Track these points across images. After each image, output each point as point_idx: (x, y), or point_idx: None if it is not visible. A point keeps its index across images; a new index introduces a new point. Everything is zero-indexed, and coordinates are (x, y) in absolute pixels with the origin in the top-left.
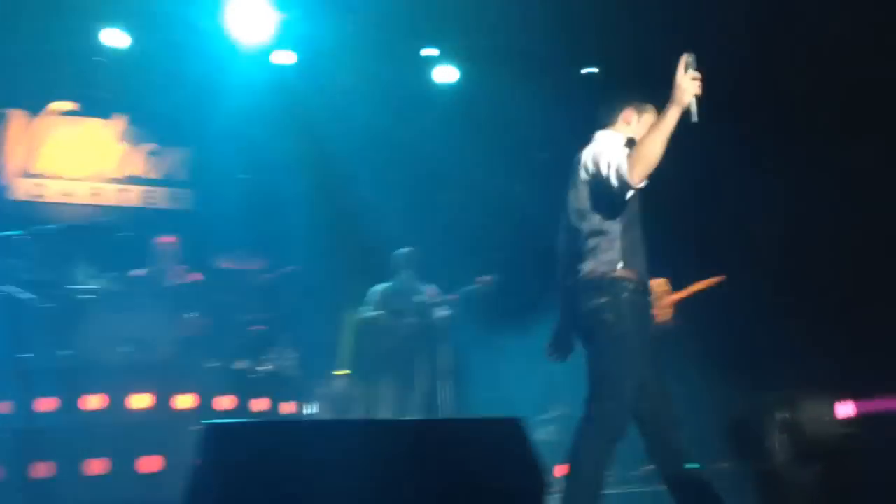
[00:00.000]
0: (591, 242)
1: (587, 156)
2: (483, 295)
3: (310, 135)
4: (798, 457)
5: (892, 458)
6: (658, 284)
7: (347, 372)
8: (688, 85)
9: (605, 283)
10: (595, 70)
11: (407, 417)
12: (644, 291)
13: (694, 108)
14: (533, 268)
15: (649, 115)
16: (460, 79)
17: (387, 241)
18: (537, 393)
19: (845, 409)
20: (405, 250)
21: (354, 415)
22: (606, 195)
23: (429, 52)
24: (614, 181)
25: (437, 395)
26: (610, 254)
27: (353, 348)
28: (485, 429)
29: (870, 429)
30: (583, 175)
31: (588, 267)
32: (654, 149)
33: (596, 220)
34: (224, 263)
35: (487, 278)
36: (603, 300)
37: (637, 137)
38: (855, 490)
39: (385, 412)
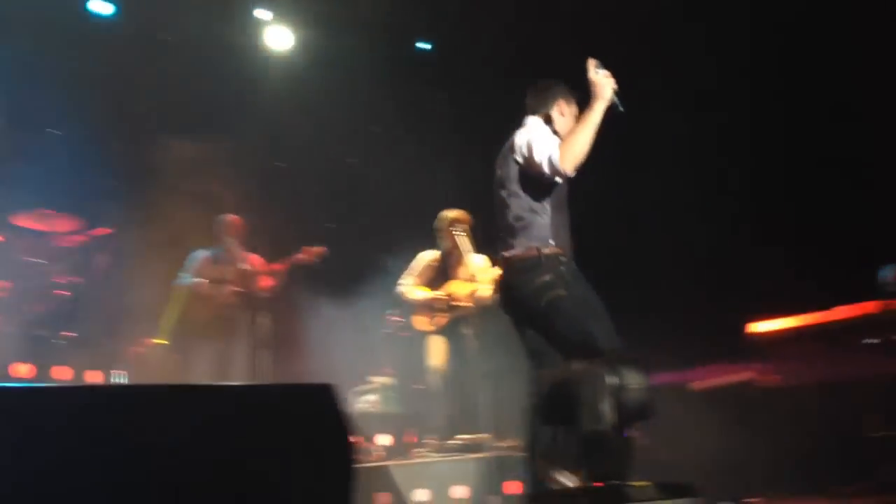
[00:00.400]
0: (526, 219)
1: (521, 140)
2: (310, 265)
3: (129, 93)
4: (623, 421)
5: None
6: (482, 264)
7: (164, 341)
8: (605, 81)
9: (542, 260)
10: (428, 46)
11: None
12: (566, 262)
13: (617, 100)
14: (360, 241)
15: (574, 107)
16: (295, 44)
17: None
18: (360, 364)
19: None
20: (228, 216)
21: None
22: (538, 178)
23: (261, 13)
24: (546, 168)
25: (256, 365)
26: (542, 231)
27: (171, 316)
28: (294, 394)
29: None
30: (518, 157)
31: (522, 243)
32: (584, 141)
33: (527, 199)
34: (27, 223)
35: (316, 249)
36: (547, 277)
37: (564, 126)
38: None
39: (201, 381)
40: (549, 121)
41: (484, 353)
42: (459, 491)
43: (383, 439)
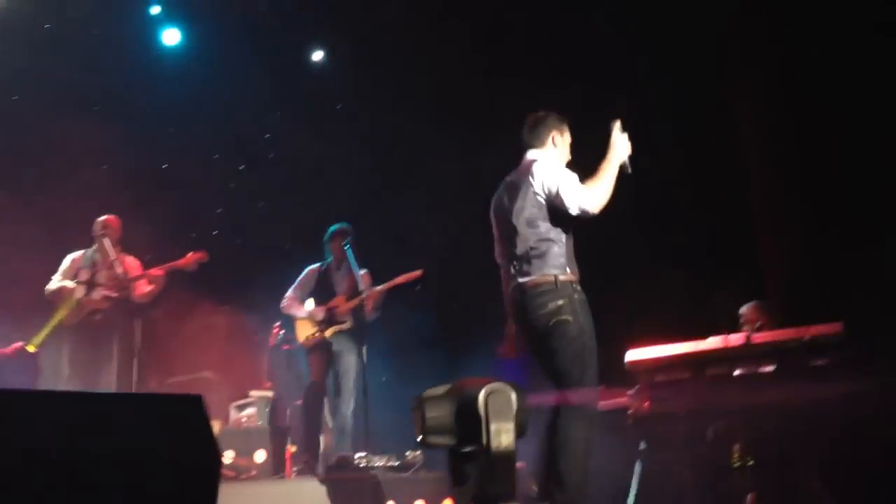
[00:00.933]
0: (542, 248)
1: (545, 178)
2: (191, 272)
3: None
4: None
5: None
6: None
7: (33, 347)
8: (624, 143)
9: (558, 286)
10: (322, 54)
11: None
12: (582, 291)
13: (627, 163)
14: (246, 249)
15: (567, 132)
16: (185, 41)
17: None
18: (240, 376)
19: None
20: (104, 217)
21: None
22: (560, 213)
23: (156, 10)
24: (576, 211)
25: (127, 373)
26: (559, 259)
27: (52, 322)
28: (160, 405)
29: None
30: (539, 193)
31: (540, 270)
32: (608, 188)
33: (544, 228)
34: None
35: (197, 255)
36: (560, 301)
37: (562, 154)
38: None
39: (66, 388)
40: (549, 152)
41: (364, 370)
42: None
43: (260, 455)
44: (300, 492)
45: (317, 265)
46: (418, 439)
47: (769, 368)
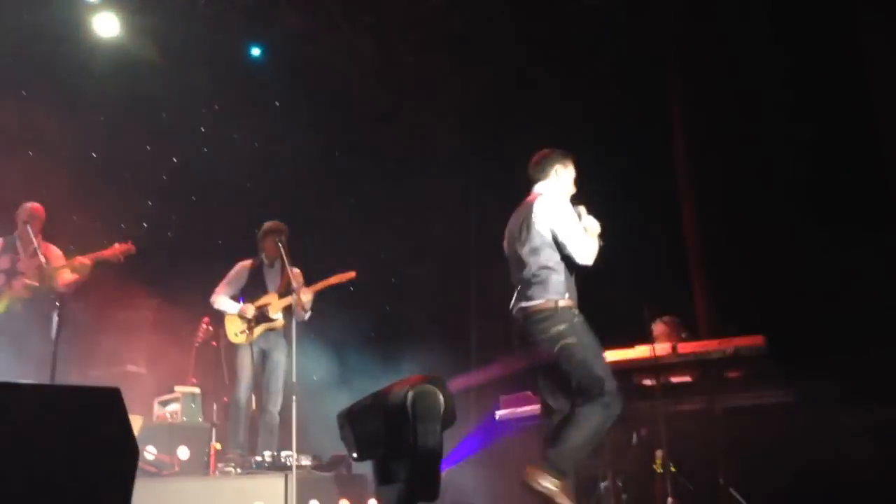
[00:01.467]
0: (542, 275)
1: (544, 217)
2: (118, 263)
3: None
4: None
5: None
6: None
7: None
8: (592, 226)
9: (559, 312)
10: (260, 50)
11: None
12: (580, 314)
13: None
14: (177, 241)
15: (570, 165)
16: (123, 31)
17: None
18: (166, 372)
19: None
20: (28, 204)
21: None
22: (557, 248)
23: None
24: (575, 254)
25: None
26: (558, 286)
27: None
28: (77, 397)
29: None
30: (541, 228)
31: (541, 296)
32: (595, 246)
33: (545, 257)
34: None
35: (123, 246)
36: (561, 326)
37: (564, 185)
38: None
39: None
40: (544, 178)
41: (292, 370)
42: None
43: (183, 452)
44: (223, 489)
45: (249, 260)
46: (354, 457)
47: (692, 378)
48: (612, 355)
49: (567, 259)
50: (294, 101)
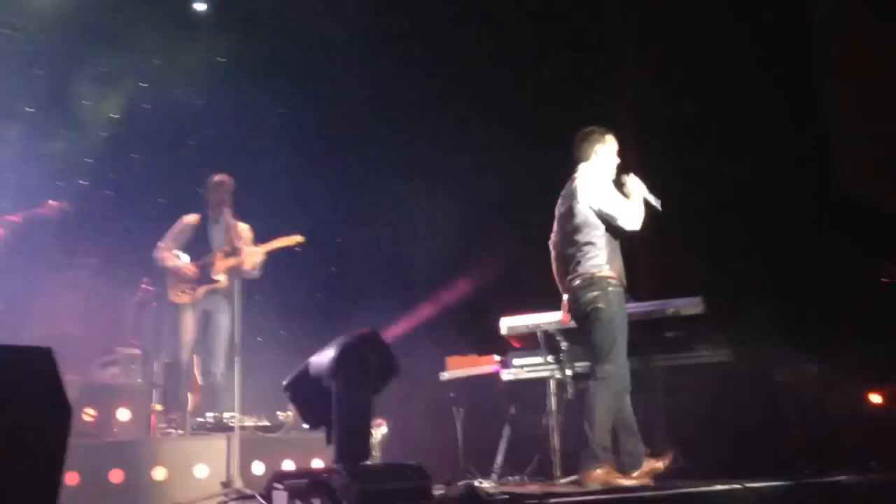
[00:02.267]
0: (585, 250)
1: (592, 194)
2: (53, 220)
3: None
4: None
5: None
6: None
7: None
8: (635, 188)
9: (595, 281)
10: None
11: None
12: (621, 285)
13: (650, 198)
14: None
15: (610, 141)
16: None
17: None
18: (105, 332)
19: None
20: None
21: None
22: (603, 221)
23: None
24: (624, 225)
25: None
26: (598, 258)
27: None
28: (11, 356)
29: None
30: (589, 205)
31: (583, 268)
32: (639, 209)
33: (589, 233)
34: None
35: (58, 202)
36: (596, 293)
37: (606, 161)
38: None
39: None
40: (588, 157)
41: (236, 331)
42: (201, 470)
43: (123, 413)
44: (164, 451)
45: (193, 216)
46: (306, 427)
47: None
48: (554, 316)
49: (612, 231)
50: (240, 57)
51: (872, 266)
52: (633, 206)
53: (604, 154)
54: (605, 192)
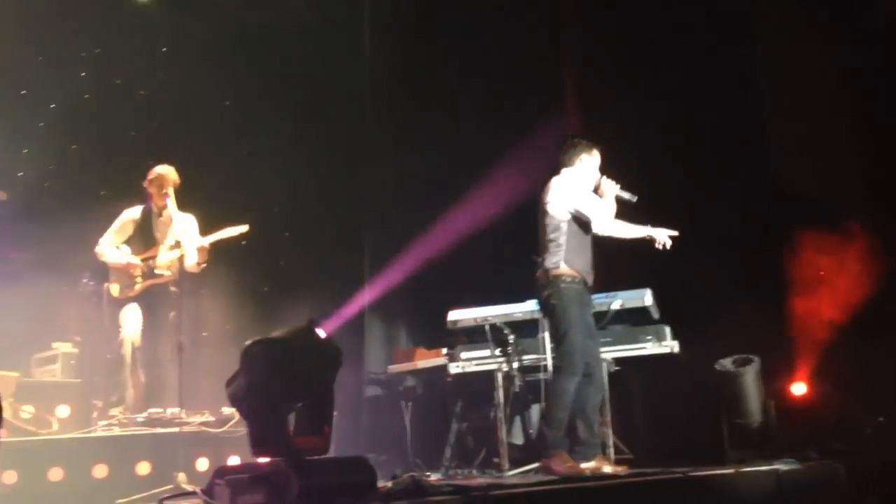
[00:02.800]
0: (548, 248)
1: (569, 195)
2: None
3: None
4: None
5: None
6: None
7: None
8: (608, 189)
9: (550, 278)
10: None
11: None
12: (579, 281)
13: (622, 195)
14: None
15: (596, 155)
16: None
17: None
18: (44, 328)
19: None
20: None
21: None
22: (566, 222)
23: None
24: (596, 224)
25: None
26: (556, 257)
27: None
28: None
29: None
30: (565, 206)
31: (543, 267)
32: (612, 212)
33: (553, 233)
34: None
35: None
36: (549, 290)
37: (587, 171)
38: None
39: None
40: (567, 165)
41: (180, 326)
42: (144, 467)
43: (62, 410)
44: (105, 448)
45: (135, 208)
46: None
47: None
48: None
49: (581, 230)
50: (183, 46)
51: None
52: (607, 208)
53: (587, 163)
54: (583, 193)
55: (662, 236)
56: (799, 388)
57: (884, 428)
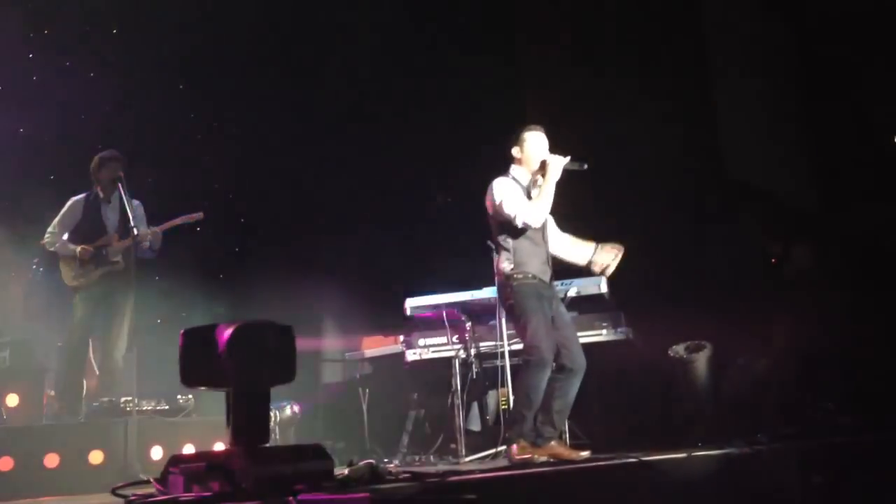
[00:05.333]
0: (499, 250)
1: (492, 199)
2: None
3: None
4: None
5: None
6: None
7: None
8: (555, 162)
9: (503, 280)
10: None
11: None
12: (532, 277)
13: (572, 166)
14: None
15: (529, 138)
16: None
17: None
18: None
19: None
20: None
21: None
22: (507, 222)
23: None
24: (520, 224)
25: None
26: (506, 260)
27: None
28: None
29: None
30: (491, 208)
31: (496, 270)
32: (545, 204)
33: (498, 235)
34: None
35: None
36: (506, 290)
37: (527, 161)
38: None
39: None
40: (514, 160)
41: (133, 313)
42: (96, 456)
43: (11, 399)
44: (57, 437)
45: (83, 196)
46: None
47: None
48: (457, 296)
49: (513, 230)
50: (134, 27)
51: (762, 248)
52: (531, 204)
53: (527, 151)
54: (503, 194)
55: (605, 264)
56: (744, 372)
57: (831, 411)
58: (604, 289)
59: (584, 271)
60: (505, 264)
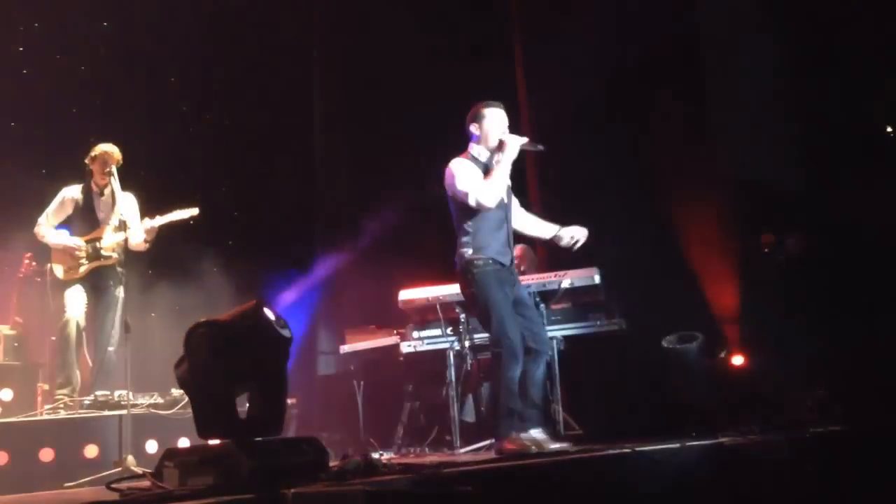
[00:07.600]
0: (459, 235)
1: (448, 180)
2: None
3: None
4: None
5: None
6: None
7: None
8: (512, 142)
9: (463, 266)
10: None
11: None
12: (493, 263)
13: (529, 146)
14: None
15: (488, 115)
16: None
17: None
18: None
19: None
20: None
21: None
22: (466, 207)
23: None
24: (473, 203)
25: None
26: (465, 244)
27: None
28: None
29: None
30: (450, 192)
31: (457, 255)
32: (500, 183)
33: (458, 219)
34: None
35: None
36: (466, 278)
37: (485, 138)
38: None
39: None
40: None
41: (126, 307)
42: (91, 450)
43: (6, 393)
44: (51, 431)
45: (76, 187)
46: None
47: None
48: (450, 289)
49: (471, 213)
50: (126, 21)
51: (753, 238)
52: (485, 183)
53: (485, 128)
54: (457, 173)
55: (571, 235)
56: (738, 361)
57: (823, 400)
58: (597, 280)
59: (578, 263)
60: (465, 249)
